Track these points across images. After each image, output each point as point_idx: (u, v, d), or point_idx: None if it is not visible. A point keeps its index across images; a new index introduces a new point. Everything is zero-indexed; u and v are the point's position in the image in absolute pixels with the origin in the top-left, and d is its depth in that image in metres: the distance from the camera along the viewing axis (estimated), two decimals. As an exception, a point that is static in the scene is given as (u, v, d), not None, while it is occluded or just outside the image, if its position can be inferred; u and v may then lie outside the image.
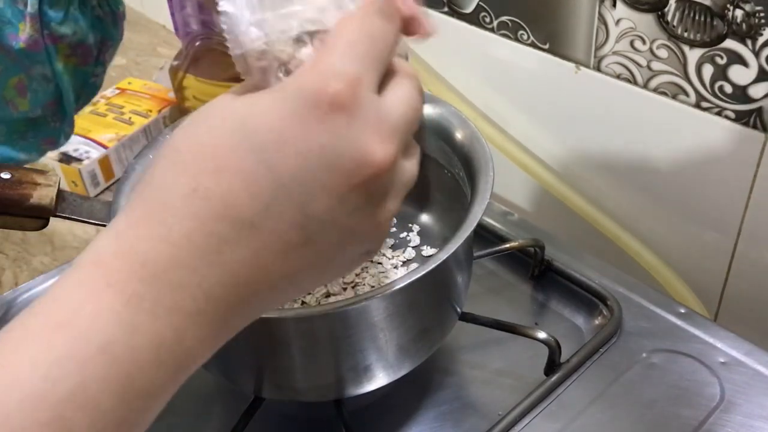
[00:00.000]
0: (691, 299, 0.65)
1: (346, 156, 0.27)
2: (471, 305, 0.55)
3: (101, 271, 0.26)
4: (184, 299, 0.26)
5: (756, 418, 0.50)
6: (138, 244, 0.26)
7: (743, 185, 0.59)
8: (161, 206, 0.27)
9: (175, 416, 0.57)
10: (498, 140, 0.74)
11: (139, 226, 0.27)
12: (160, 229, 0.26)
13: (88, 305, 0.25)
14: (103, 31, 0.50)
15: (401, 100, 0.30)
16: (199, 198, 0.26)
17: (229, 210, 0.26)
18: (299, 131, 0.27)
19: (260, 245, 0.27)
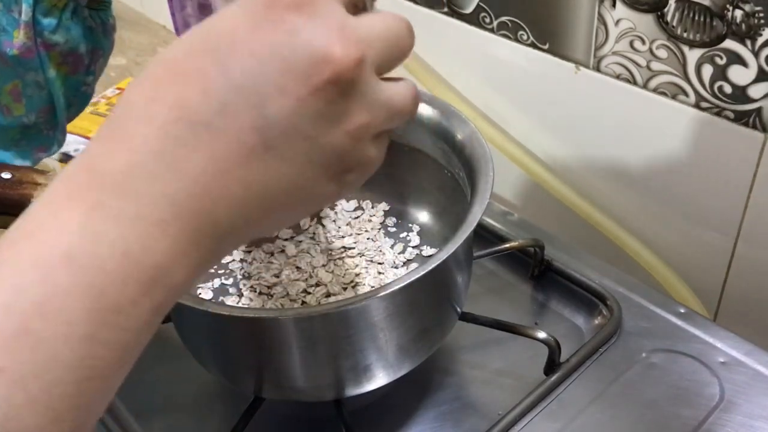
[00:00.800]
0: (691, 299, 0.65)
1: (301, 53, 0.26)
2: (471, 305, 0.55)
3: (66, 185, 0.26)
4: (146, 206, 0.25)
5: (756, 418, 0.50)
6: (100, 157, 0.26)
7: (743, 185, 0.59)
8: (124, 119, 0.27)
9: (176, 416, 0.57)
10: (498, 140, 0.74)
11: (103, 141, 0.27)
12: (122, 139, 0.26)
13: (51, 217, 0.25)
14: (94, 41, 0.51)
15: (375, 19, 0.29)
16: (156, 104, 0.26)
17: (184, 111, 0.26)
18: (252, 30, 0.26)
19: (218, 147, 0.26)
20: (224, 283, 0.59)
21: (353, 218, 0.64)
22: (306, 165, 0.28)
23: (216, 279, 0.60)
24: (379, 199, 0.65)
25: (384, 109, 0.30)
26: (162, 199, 0.26)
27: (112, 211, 0.25)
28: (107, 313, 0.25)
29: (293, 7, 0.26)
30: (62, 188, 0.26)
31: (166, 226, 0.26)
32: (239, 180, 0.27)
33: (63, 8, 0.47)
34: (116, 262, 0.25)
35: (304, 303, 0.56)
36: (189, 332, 0.51)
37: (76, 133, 0.84)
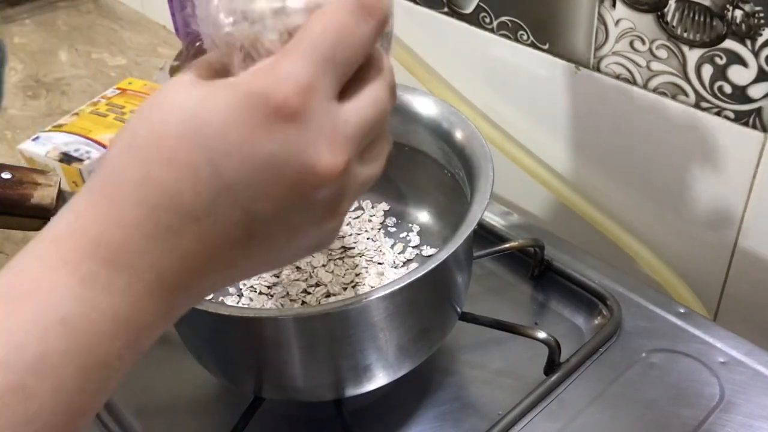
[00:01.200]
0: (690, 299, 0.65)
1: (291, 165, 0.27)
2: (471, 305, 0.55)
3: (58, 248, 0.27)
4: (136, 281, 0.27)
5: (756, 418, 0.50)
6: (93, 226, 0.27)
7: (743, 185, 0.59)
8: (116, 190, 0.28)
9: (176, 416, 0.57)
10: (498, 140, 0.74)
11: (94, 209, 0.28)
12: (113, 213, 0.27)
13: (46, 279, 0.27)
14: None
15: (365, 106, 0.30)
16: (149, 186, 0.27)
17: (175, 201, 0.27)
18: (246, 136, 0.27)
19: (205, 238, 0.28)
20: (224, 283, 0.59)
21: (353, 218, 0.64)
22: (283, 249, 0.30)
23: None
24: (379, 199, 0.65)
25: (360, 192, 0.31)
26: (150, 274, 0.28)
27: (105, 281, 0.27)
28: (96, 369, 0.27)
29: (286, 115, 0.27)
30: (54, 249, 0.27)
31: (152, 295, 0.28)
32: (222, 262, 0.29)
33: None
34: (107, 325, 0.27)
35: (304, 303, 0.56)
36: (189, 332, 0.51)
37: (76, 133, 0.83)
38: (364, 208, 0.64)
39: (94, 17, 1.22)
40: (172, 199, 0.27)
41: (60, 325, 0.26)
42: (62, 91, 1.03)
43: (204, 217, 0.28)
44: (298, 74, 0.27)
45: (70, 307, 0.26)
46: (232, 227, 0.28)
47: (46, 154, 0.81)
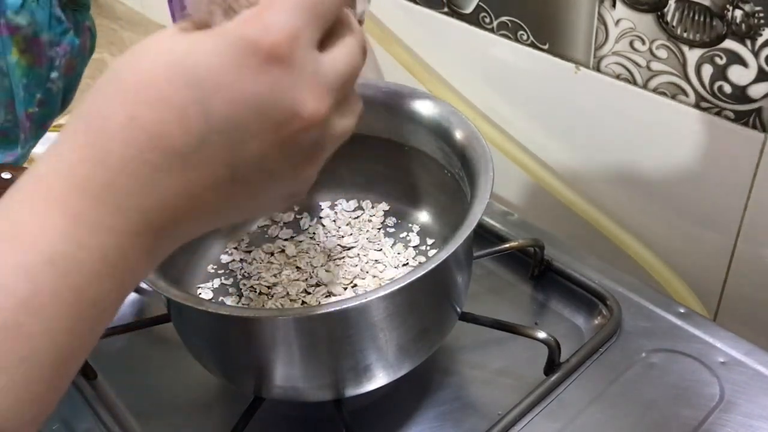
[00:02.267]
0: (690, 299, 0.65)
1: (278, 108, 0.29)
2: (471, 305, 0.55)
3: (44, 189, 0.28)
4: (122, 219, 0.28)
5: (756, 418, 0.50)
6: (79, 167, 0.28)
7: (743, 185, 0.59)
8: (101, 132, 0.28)
9: (176, 416, 0.57)
10: (498, 140, 0.74)
11: (80, 150, 0.28)
12: (98, 154, 0.28)
13: (33, 220, 0.27)
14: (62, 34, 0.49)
15: (341, 58, 0.31)
16: (135, 127, 0.28)
17: (163, 141, 0.28)
18: (235, 78, 0.28)
19: (191, 177, 0.29)
20: (224, 283, 0.59)
21: (353, 218, 0.64)
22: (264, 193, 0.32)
23: (216, 279, 0.60)
24: (379, 199, 0.65)
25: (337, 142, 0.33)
26: (136, 215, 0.28)
27: (92, 221, 0.27)
28: (85, 308, 0.28)
29: (274, 59, 0.28)
30: (40, 189, 0.28)
31: (138, 236, 0.28)
32: (206, 203, 0.30)
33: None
34: (94, 265, 0.27)
35: (304, 303, 0.56)
36: (189, 332, 0.51)
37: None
38: (364, 208, 0.64)
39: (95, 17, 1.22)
40: (160, 139, 0.28)
41: (49, 265, 0.26)
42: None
43: (191, 157, 0.28)
44: (285, 22, 0.28)
45: (58, 247, 0.27)
46: (218, 168, 0.29)
47: (46, 154, 0.80)
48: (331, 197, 0.65)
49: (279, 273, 0.59)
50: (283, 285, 0.57)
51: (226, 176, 0.29)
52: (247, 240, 0.63)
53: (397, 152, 0.60)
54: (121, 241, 0.28)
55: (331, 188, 0.65)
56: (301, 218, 0.64)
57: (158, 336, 0.61)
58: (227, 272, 0.60)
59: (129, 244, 0.28)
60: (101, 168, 0.28)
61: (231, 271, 0.60)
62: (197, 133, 0.28)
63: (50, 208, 0.27)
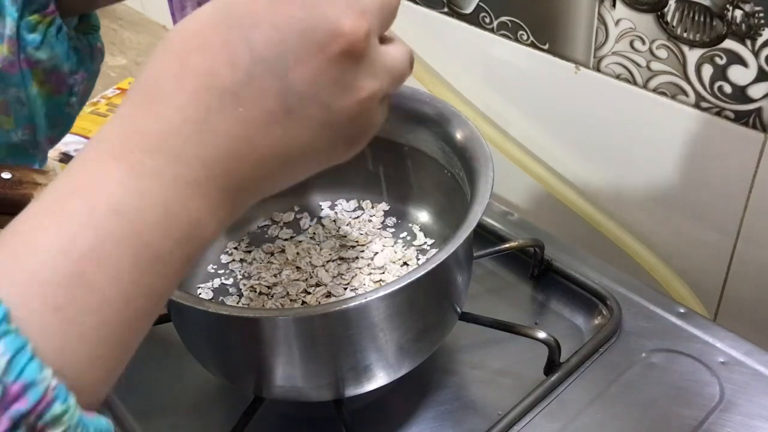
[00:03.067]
0: (690, 299, 0.65)
1: (319, 28, 0.29)
2: (471, 305, 0.55)
3: (106, 147, 0.28)
4: (182, 167, 0.28)
5: (756, 417, 0.50)
6: (138, 123, 0.29)
7: (743, 185, 0.59)
8: (156, 87, 0.29)
9: (176, 416, 0.57)
10: (498, 140, 0.74)
11: (138, 107, 0.29)
12: (156, 107, 0.29)
13: (97, 175, 0.28)
14: (79, 62, 0.50)
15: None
16: (186, 73, 0.29)
17: (214, 81, 0.29)
18: (272, 7, 0.29)
19: (244, 114, 0.29)
20: (224, 283, 0.59)
21: (353, 218, 0.64)
22: (321, 129, 0.31)
23: (216, 279, 0.60)
24: (379, 199, 0.65)
25: (389, 76, 0.33)
26: (195, 161, 0.28)
27: (153, 170, 0.28)
28: (150, 261, 0.28)
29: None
30: (103, 148, 0.28)
31: (199, 185, 0.29)
32: (263, 142, 0.30)
33: (49, 25, 0.47)
34: (158, 216, 0.28)
35: (304, 303, 0.56)
36: (189, 332, 0.51)
37: (76, 133, 0.84)
38: (364, 208, 0.64)
39: (94, 17, 1.22)
40: (210, 78, 0.29)
41: (113, 214, 0.27)
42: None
43: (242, 91, 0.29)
44: None
45: (122, 198, 0.27)
46: (269, 99, 0.29)
47: (46, 154, 0.81)
48: (331, 197, 0.65)
49: (279, 273, 0.59)
50: (283, 285, 0.57)
51: (277, 109, 0.29)
52: (247, 240, 0.63)
53: (397, 152, 0.60)
54: (182, 191, 0.28)
55: (331, 188, 0.65)
56: (301, 218, 0.64)
57: (158, 336, 0.61)
58: (227, 272, 0.60)
59: (190, 195, 0.28)
60: (159, 118, 0.28)
61: (231, 271, 0.60)
62: (244, 67, 0.29)
63: (113, 162, 0.28)
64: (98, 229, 0.26)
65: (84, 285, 0.26)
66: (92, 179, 0.28)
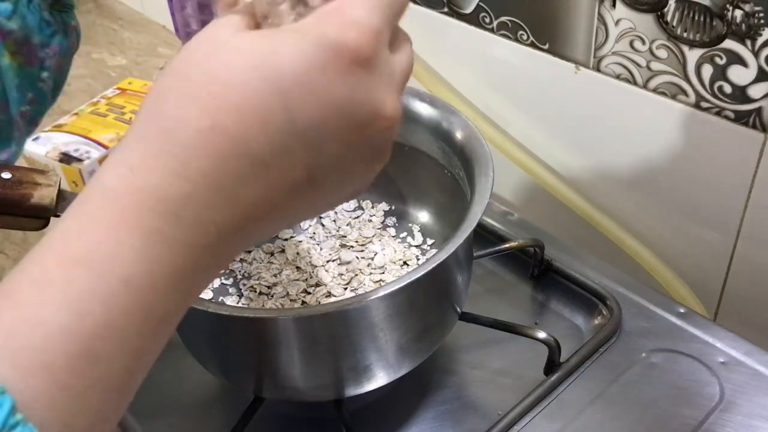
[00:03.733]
0: (690, 299, 0.65)
1: (363, 110, 0.28)
2: (471, 305, 0.55)
3: (116, 206, 0.26)
4: (198, 234, 0.27)
5: (756, 417, 0.50)
6: (153, 180, 0.26)
7: (743, 185, 0.59)
8: (176, 141, 0.26)
9: (176, 416, 0.57)
10: (498, 140, 0.74)
11: (153, 161, 0.27)
12: (175, 165, 0.26)
13: (106, 240, 0.26)
14: (51, 35, 0.50)
15: (405, 59, 0.31)
16: (216, 135, 0.26)
17: (246, 149, 0.27)
18: (322, 81, 0.27)
19: (272, 185, 0.28)
20: (224, 283, 0.59)
21: (353, 218, 0.64)
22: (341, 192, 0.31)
23: (216, 279, 0.60)
24: (379, 199, 0.65)
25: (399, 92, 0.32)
26: (212, 227, 0.27)
27: (168, 237, 0.26)
28: (156, 325, 0.27)
29: (359, 60, 0.27)
30: (112, 208, 0.26)
31: (212, 247, 0.28)
32: (281, 209, 0.29)
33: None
34: (167, 281, 0.27)
35: (304, 303, 0.56)
36: (189, 332, 0.51)
37: (76, 133, 0.83)
38: (364, 208, 0.64)
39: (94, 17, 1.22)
40: (244, 147, 0.27)
41: (123, 286, 0.26)
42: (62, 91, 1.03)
43: (273, 163, 0.27)
44: (369, 20, 0.28)
45: (133, 268, 0.26)
46: (298, 172, 0.28)
47: (46, 154, 0.81)
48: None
49: (279, 273, 0.59)
50: (283, 285, 0.57)
51: (304, 180, 0.28)
52: (247, 240, 0.63)
53: (397, 152, 0.59)
54: (194, 255, 0.27)
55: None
56: (301, 218, 0.64)
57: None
58: (227, 272, 0.60)
59: (201, 257, 0.27)
60: (180, 180, 0.26)
61: (231, 271, 0.60)
62: (281, 141, 0.27)
63: (123, 226, 0.26)
64: (107, 303, 0.25)
65: (90, 361, 0.25)
66: (100, 246, 0.26)
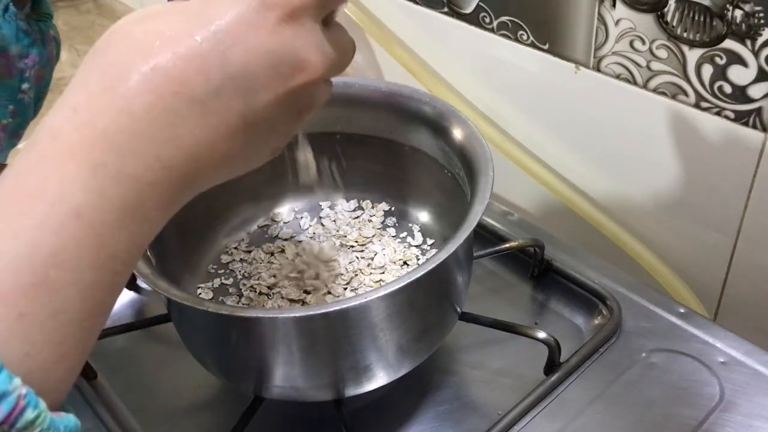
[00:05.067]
0: (690, 299, 0.65)
1: (287, 62, 0.31)
2: (471, 305, 0.55)
3: (63, 143, 0.28)
4: (144, 168, 0.29)
5: (756, 417, 0.50)
6: (98, 117, 0.28)
7: (743, 185, 0.59)
8: (119, 81, 0.28)
9: (176, 416, 0.57)
10: (498, 140, 0.74)
11: (97, 100, 0.28)
12: (119, 102, 0.28)
13: (55, 175, 0.27)
14: (29, 46, 0.50)
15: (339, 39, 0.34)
16: (156, 76, 0.29)
17: (184, 88, 0.29)
18: (252, 32, 0.30)
19: (209, 124, 0.30)
20: (224, 283, 0.59)
21: (353, 218, 0.64)
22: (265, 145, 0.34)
23: (216, 279, 0.60)
24: (379, 199, 0.65)
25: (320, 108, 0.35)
26: (156, 163, 0.29)
27: (113, 170, 0.28)
28: (107, 260, 0.28)
29: (286, 18, 0.31)
30: (60, 145, 0.28)
31: (158, 185, 0.29)
32: (223, 150, 0.31)
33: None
34: (116, 216, 0.28)
35: (304, 303, 0.56)
36: (189, 332, 0.51)
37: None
38: (364, 208, 0.64)
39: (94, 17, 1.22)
40: (182, 85, 0.29)
41: (74, 218, 0.27)
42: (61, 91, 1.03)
43: (209, 104, 0.30)
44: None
45: (82, 199, 0.27)
46: (232, 116, 0.30)
47: (46, 154, 0.80)
48: (331, 197, 0.65)
49: (279, 273, 0.59)
50: (283, 285, 0.57)
51: (239, 125, 0.31)
52: (247, 240, 0.63)
53: (397, 152, 0.60)
54: (141, 190, 0.29)
55: (331, 188, 0.65)
56: (301, 218, 0.64)
57: (158, 336, 0.61)
58: (227, 272, 0.60)
59: (148, 193, 0.29)
60: (124, 116, 0.28)
61: (231, 271, 0.60)
62: (216, 81, 0.29)
63: (72, 161, 0.27)
64: (59, 233, 0.27)
65: (46, 290, 0.26)
66: (50, 180, 0.27)
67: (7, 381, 0.24)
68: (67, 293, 0.27)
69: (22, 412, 0.24)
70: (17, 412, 0.24)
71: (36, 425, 0.25)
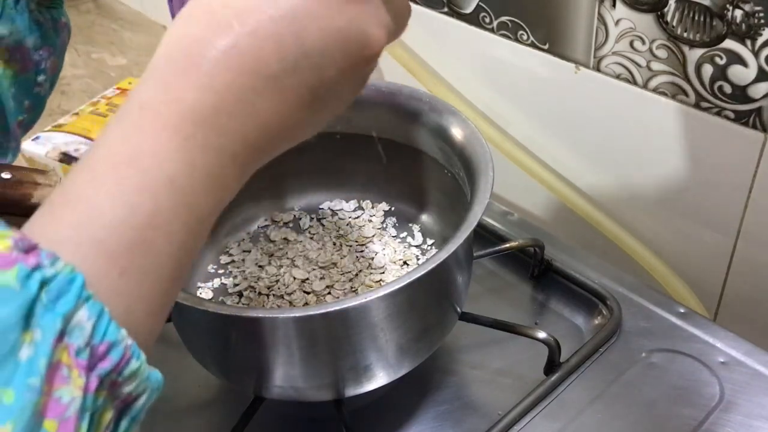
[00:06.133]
0: (690, 299, 0.65)
1: (355, 39, 0.33)
2: (471, 305, 0.55)
3: (155, 115, 0.30)
4: (227, 142, 0.31)
5: (756, 417, 0.50)
6: (186, 93, 0.30)
7: (743, 185, 0.59)
8: (202, 58, 0.31)
9: (176, 416, 0.57)
10: (498, 140, 0.74)
11: (183, 77, 0.31)
12: (203, 79, 0.30)
13: (150, 143, 0.29)
14: (43, 36, 0.49)
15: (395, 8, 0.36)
16: (237, 53, 0.31)
17: (261, 66, 0.31)
18: (323, 10, 0.32)
19: (283, 99, 0.32)
20: (224, 283, 0.59)
21: (353, 218, 0.64)
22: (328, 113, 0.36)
23: (216, 279, 0.60)
24: (379, 199, 0.65)
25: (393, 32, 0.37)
26: (238, 136, 0.31)
27: (202, 143, 0.30)
28: (195, 224, 0.31)
29: None
30: (153, 117, 0.30)
31: (237, 156, 0.32)
32: (290, 124, 0.33)
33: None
34: (204, 185, 0.31)
35: (304, 303, 0.56)
36: (189, 332, 0.51)
37: (76, 133, 0.84)
38: (364, 208, 0.64)
39: (94, 17, 1.22)
40: (257, 63, 0.31)
41: (168, 183, 0.29)
42: (62, 91, 1.03)
43: (284, 80, 0.32)
44: None
45: (175, 167, 0.29)
46: (304, 91, 0.33)
47: (46, 154, 0.81)
48: (331, 197, 0.65)
49: (279, 273, 0.59)
50: (283, 285, 0.57)
51: (309, 99, 0.33)
52: (247, 240, 0.63)
53: (398, 152, 0.60)
54: (223, 161, 0.31)
55: (331, 188, 0.65)
56: (301, 218, 0.64)
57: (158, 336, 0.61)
58: (227, 272, 0.60)
59: (229, 164, 0.31)
60: (207, 92, 0.30)
61: (231, 271, 0.60)
62: (292, 59, 0.32)
63: (164, 131, 0.30)
64: (155, 198, 0.29)
65: (144, 250, 0.28)
66: (144, 149, 0.29)
67: (116, 332, 0.26)
68: (161, 254, 0.29)
69: (128, 362, 0.27)
70: (124, 361, 0.27)
71: (137, 375, 0.28)
